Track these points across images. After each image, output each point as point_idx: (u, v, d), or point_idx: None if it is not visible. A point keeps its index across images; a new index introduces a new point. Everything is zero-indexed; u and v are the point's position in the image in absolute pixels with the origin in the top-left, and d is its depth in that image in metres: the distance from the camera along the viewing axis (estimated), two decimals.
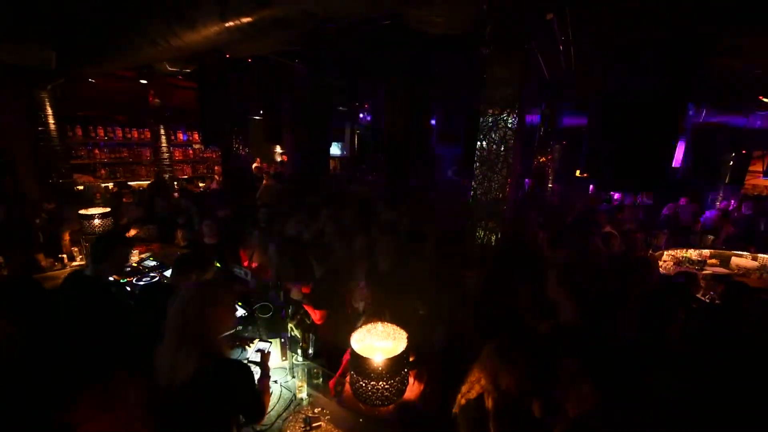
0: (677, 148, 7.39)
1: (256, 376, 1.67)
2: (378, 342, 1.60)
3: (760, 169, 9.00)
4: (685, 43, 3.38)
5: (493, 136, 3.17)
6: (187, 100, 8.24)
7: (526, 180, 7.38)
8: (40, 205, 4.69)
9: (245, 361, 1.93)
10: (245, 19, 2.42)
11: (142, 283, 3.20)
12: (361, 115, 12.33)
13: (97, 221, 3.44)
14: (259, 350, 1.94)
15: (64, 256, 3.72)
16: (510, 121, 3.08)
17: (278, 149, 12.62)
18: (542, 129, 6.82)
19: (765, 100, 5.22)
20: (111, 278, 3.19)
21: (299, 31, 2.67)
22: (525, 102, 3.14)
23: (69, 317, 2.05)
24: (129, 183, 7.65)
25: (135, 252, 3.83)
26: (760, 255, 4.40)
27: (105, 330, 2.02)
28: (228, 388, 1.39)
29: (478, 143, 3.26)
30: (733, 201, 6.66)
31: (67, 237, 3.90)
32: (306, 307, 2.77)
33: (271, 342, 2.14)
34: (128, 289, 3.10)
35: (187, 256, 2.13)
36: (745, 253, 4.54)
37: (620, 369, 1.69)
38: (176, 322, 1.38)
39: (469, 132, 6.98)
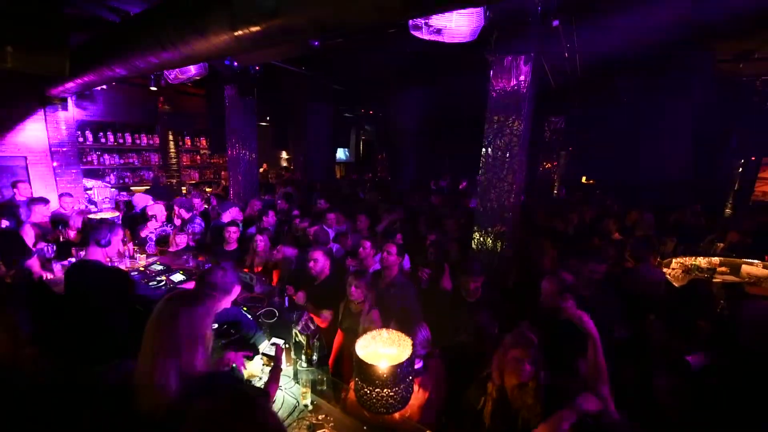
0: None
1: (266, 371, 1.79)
2: (383, 349, 1.59)
3: None
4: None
5: (498, 142, 3.17)
6: (195, 106, 8.37)
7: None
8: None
9: (261, 355, 2.01)
10: (254, 29, 2.46)
11: (149, 288, 3.21)
12: (366, 127, 12.41)
13: None
14: (274, 344, 2.01)
15: (73, 259, 3.76)
16: (515, 127, 3.08)
17: (284, 155, 12.74)
18: (548, 135, 6.81)
19: None
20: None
21: (307, 40, 2.72)
22: (530, 109, 3.15)
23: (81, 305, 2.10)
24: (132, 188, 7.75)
25: (142, 256, 3.87)
26: None
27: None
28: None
29: (483, 150, 3.26)
30: None
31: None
32: (311, 315, 2.78)
33: (285, 341, 2.17)
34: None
35: (210, 272, 2.09)
36: (756, 261, 4.45)
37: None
38: (149, 338, 1.21)
39: None
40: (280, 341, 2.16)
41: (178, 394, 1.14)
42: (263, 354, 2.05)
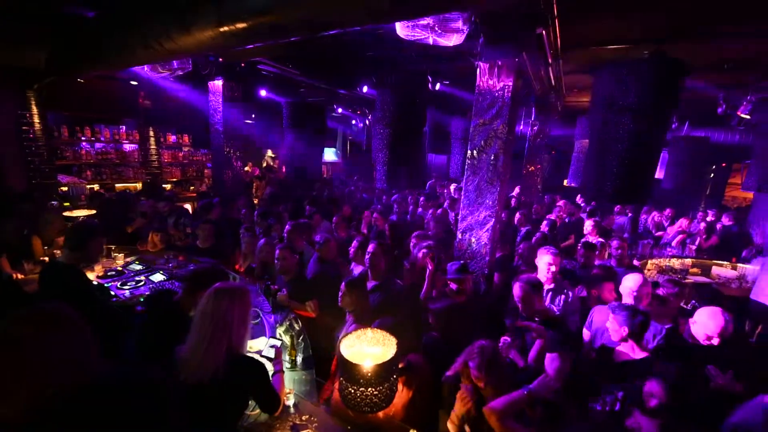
0: (660, 161, 7.61)
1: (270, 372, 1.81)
2: (368, 348, 1.60)
3: (740, 182, 9.33)
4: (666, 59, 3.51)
5: (483, 145, 3.23)
6: (178, 102, 8.17)
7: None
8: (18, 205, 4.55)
9: (259, 357, 2.01)
10: (241, 25, 2.44)
11: (126, 287, 3.12)
12: (353, 122, 12.38)
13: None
14: (272, 346, 2.01)
15: (46, 258, 3.62)
16: (500, 130, 3.14)
17: (270, 153, 12.59)
18: (531, 139, 6.97)
19: (744, 116, 5.45)
20: (95, 282, 3.14)
21: (295, 38, 2.70)
22: (515, 112, 3.21)
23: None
24: (116, 185, 7.50)
25: (120, 255, 3.75)
26: (739, 264, 4.55)
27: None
28: (249, 383, 1.56)
29: (469, 152, 3.31)
30: (711, 213, 6.88)
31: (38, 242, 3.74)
32: (298, 311, 2.77)
33: (282, 340, 2.16)
34: (112, 292, 3.03)
35: (203, 271, 2.09)
36: (725, 262, 4.69)
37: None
38: (208, 318, 1.47)
39: None
40: (278, 342, 2.14)
41: (223, 367, 1.43)
42: (262, 356, 2.03)
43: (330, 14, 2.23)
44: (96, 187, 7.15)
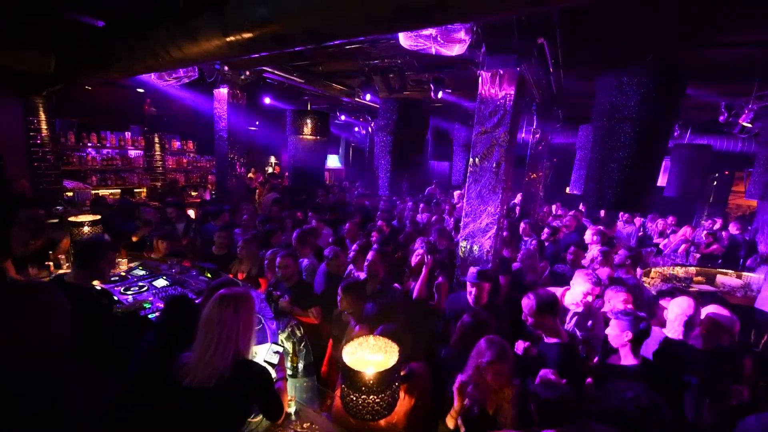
0: (662, 168, 7.60)
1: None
2: (370, 355, 1.60)
3: (743, 190, 9.29)
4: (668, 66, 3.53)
5: (485, 152, 3.25)
6: (183, 109, 8.27)
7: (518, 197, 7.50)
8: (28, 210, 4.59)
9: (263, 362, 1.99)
10: (246, 35, 2.49)
11: (130, 293, 3.13)
12: (356, 129, 12.45)
13: (86, 229, 3.41)
14: (276, 352, 1.99)
15: (50, 263, 3.64)
16: (502, 138, 3.16)
17: (273, 159, 12.69)
18: (533, 146, 6.99)
19: (746, 125, 5.45)
20: (98, 287, 3.15)
21: (299, 47, 2.75)
22: (516, 120, 3.24)
23: None
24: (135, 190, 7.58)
25: (123, 261, 3.77)
26: (744, 273, 4.52)
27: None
28: (254, 388, 1.56)
29: (471, 160, 3.33)
30: (719, 221, 6.86)
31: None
32: (299, 318, 2.77)
33: (284, 347, 2.16)
34: (115, 297, 3.04)
35: (222, 285, 2.11)
36: (730, 271, 4.65)
37: None
38: (213, 324, 1.48)
39: None
40: (280, 349, 2.14)
41: (228, 372, 1.45)
42: (265, 361, 2.02)
43: (333, 24, 2.27)
44: (101, 192, 7.23)
